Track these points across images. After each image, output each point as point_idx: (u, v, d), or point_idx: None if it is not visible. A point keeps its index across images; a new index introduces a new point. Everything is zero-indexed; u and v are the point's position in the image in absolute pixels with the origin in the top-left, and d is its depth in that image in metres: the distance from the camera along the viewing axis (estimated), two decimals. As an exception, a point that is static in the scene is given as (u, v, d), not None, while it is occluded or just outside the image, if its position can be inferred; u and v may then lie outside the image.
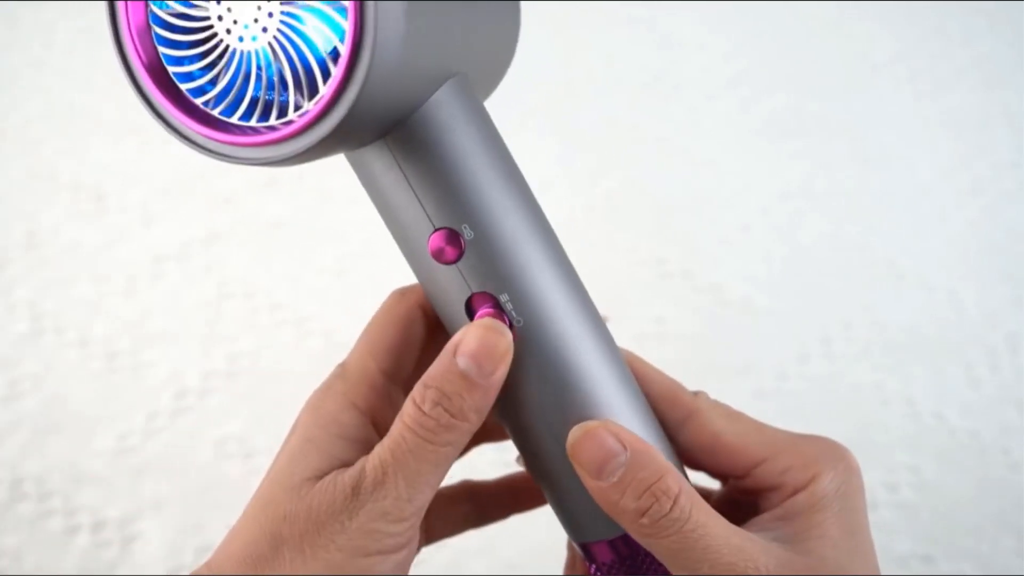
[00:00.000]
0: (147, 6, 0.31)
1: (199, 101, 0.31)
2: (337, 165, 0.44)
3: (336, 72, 0.29)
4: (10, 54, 0.99)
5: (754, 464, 0.35)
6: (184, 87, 0.31)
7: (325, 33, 0.29)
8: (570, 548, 0.43)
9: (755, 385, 0.72)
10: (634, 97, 0.95)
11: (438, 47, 0.32)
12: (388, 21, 0.28)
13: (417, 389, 0.33)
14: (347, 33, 0.28)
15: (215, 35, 0.30)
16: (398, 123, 0.32)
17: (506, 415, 0.36)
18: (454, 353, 0.33)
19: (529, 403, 0.34)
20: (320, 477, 0.33)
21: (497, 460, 0.51)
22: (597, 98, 0.95)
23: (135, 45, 0.31)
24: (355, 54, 0.28)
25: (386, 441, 0.33)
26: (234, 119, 0.31)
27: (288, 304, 0.76)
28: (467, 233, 0.33)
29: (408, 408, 0.33)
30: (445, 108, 0.33)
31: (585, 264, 0.84)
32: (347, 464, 0.34)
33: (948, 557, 0.62)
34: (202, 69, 0.31)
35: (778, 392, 0.71)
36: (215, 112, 0.31)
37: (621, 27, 1.03)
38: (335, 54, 0.29)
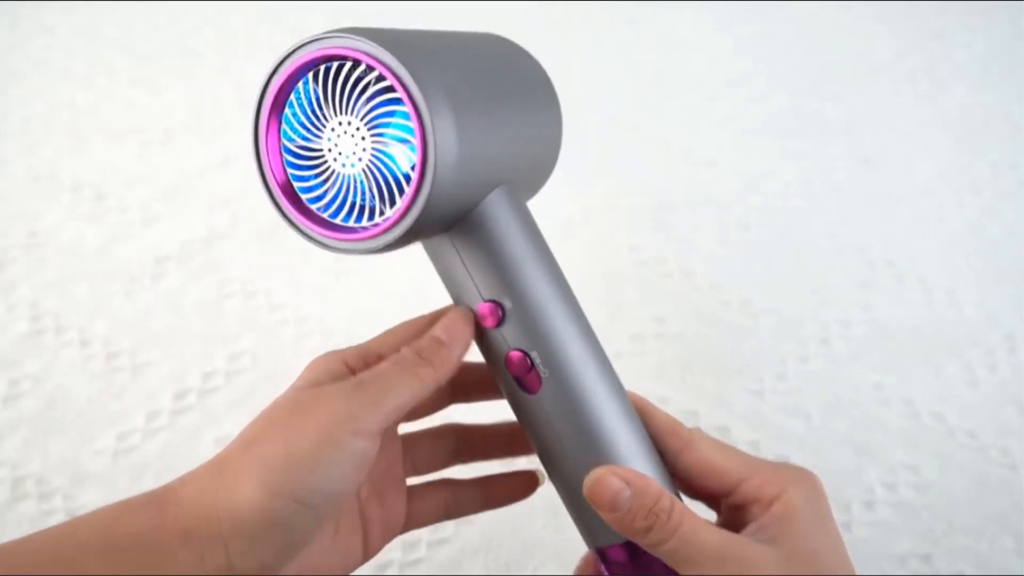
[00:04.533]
0: (280, 139, 0.42)
1: (315, 207, 0.42)
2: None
3: (408, 191, 0.39)
4: (10, 54, 0.99)
5: (738, 482, 0.43)
6: (304, 197, 0.42)
7: (404, 159, 0.40)
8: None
9: (755, 385, 0.72)
10: (634, 97, 0.95)
11: (483, 169, 0.42)
12: (445, 158, 0.39)
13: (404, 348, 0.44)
14: (416, 164, 0.39)
15: (326, 161, 0.41)
16: (458, 220, 0.43)
17: (538, 443, 0.45)
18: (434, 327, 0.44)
19: (556, 438, 0.44)
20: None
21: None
22: (598, 98, 0.95)
23: (271, 167, 0.42)
24: (421, 180, 0.39)
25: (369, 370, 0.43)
26: (338, 220, 0.41)
27: (288, 304, 0.76)
28: (507, 304, 0.43)
29: (393, 355, 0.43)
30: (492, 209, 0.44)
31: (586, 264, 0.84)
32: None
33: (947, 556, 0.62)
34: (315, 184, 0.42)
35: (778, 392, 0.71)
36: (326, 215, 0.42)
37: (622, 27, 1.03)
38: (408, 175, 0.40)
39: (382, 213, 0.40)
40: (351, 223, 0.41)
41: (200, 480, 0.40)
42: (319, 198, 0.42)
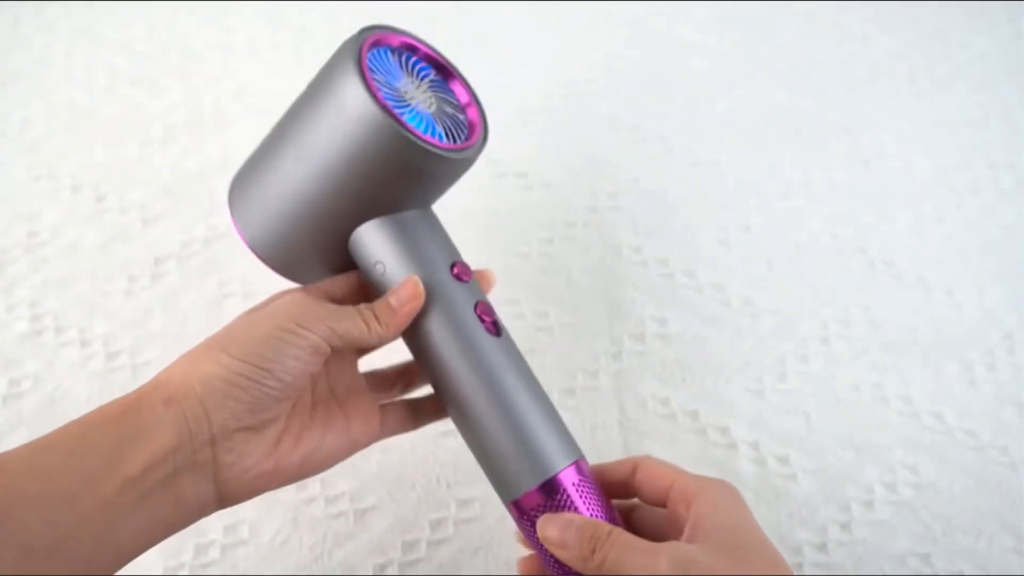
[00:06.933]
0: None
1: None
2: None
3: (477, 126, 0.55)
4: (10, 54, 0.99)
5: (669, 485, 0.50)
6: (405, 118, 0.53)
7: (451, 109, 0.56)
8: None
9: (755, 384, 0.72)
10: (634, 97, 0.95)
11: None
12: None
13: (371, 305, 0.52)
14: (473, 118, 0.56)
15: (409, 102, 0.54)
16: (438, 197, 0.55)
17: (495, 385, 0.52)
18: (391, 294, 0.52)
19: (516, 376, 0.52)
20: None
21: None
22: (597, 98, 0.95)
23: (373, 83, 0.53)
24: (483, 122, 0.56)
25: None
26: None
27: (288, 304, 0.76)
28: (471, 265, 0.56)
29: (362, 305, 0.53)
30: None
31: (587, 265, 0.84)
32: None
33: (946, 556, 0.62)
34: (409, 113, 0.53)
35: (778, 392, 0.71)
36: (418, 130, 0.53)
37: (621, 27, 1.03)
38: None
39: (454, 139, 0.53)
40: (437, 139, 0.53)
41: (172, 370, 0.49)
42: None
